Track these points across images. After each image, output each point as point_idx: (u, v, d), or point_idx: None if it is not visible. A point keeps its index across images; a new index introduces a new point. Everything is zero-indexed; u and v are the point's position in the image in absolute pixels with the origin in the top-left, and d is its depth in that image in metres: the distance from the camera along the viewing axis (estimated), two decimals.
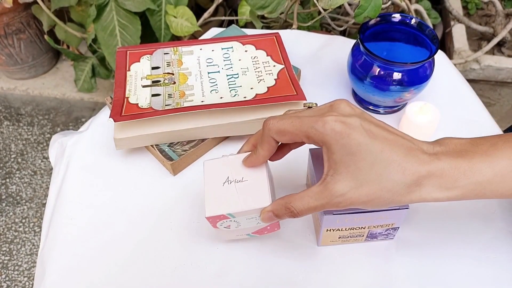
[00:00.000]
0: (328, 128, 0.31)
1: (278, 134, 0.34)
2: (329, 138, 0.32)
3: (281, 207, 0.35)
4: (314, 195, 0.33)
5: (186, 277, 0.42)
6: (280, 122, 0.34)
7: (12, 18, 1.31)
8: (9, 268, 1.11)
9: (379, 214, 0.38)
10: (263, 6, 0.72)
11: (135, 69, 0.53)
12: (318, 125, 0.32)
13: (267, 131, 0.35)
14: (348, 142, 0.31)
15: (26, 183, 1.28)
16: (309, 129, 0.32)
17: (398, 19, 0.53)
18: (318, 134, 0.32)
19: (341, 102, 0.34)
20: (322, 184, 0.33)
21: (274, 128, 0.34)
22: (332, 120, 0.32)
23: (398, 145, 0.32)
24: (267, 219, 0.36)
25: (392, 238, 0.43)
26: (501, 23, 1.13)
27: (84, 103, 1.50)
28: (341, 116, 0.32)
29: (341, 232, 0.40)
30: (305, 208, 0.33)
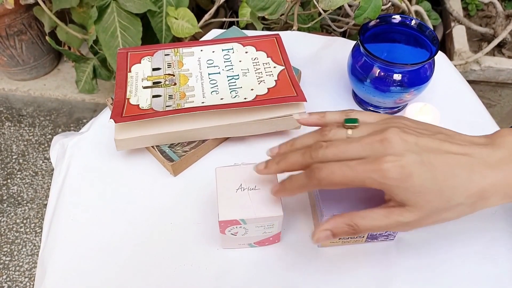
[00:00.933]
0: (388, 177, 0.31)
1: (330, 185, 0.33)
2: (389, 186, 0.32)
3: (341, 225, 0.34)
4: (380, 217, 0.33)
5: (186, 278, 0.42)
6: (332, 175, 0.32)
7: (14, 20, 1.31)
8: (10, 268, 1.11)
9: None
10: (263, 7, 0.72)
11: (136, 70, 0.53)
12: (376, 175, 0.31)
13: (316, 181, 0.33)
14: (412, 184, 0.31)
15: (27, 183, 1.28)
16: (366, 179, 0.32)
17: (398, 20, 0.53)
18: (376, 183, 0.32)
19: (392, 137, 0.32)
20: (389, 210, 0.33)
21: (326, 182, 0.33)
22: (390, 168, 0.31)
23: (459, 166, 0.32)
24: (323, 238, 0.35)
25: (393, 239, 0.43)
26: (502, 24, 1.13)
27: (85, 104, 1.50)
28: (397, 158, 0.31)
29: None
30: (370, 227, 0.34)
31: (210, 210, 0.46)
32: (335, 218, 0.34)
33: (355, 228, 0.34)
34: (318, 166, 0.33)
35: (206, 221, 0.45)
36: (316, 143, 0.35)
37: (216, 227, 0.40)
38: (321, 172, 0.33)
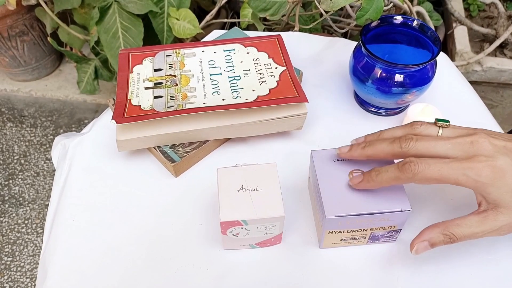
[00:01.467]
0: (483, 176, 0.33)
1: (422, 181, 0.34)
2: (482, 184, 0.33)
3: (438, 235, 0.35)
4: (475, 223, 0.34)
5: (188, 279, 0.42)
6: (427, 170, 0.34)
7: (16, 21, 1.32)
8: (12, 269, 1.12)
9: (381, 216, 0.38)
10: (265, 8, 0.72)
11: (138, 71, 0.53)
12: (471, 172, 0.33)
13: (410, 175, 0.34)
14: (505, 183, 0.33)
15: (29, 184, 1.28)
16: (460, 176, 0.33)
17: (400, 21, 0.53)
18: (471, 181, 0.33)
19: (482, 140, 0.34)
20: (481, 215, 0.34)
21: (420, 176, 0.34)
22: (484, 167, 0.33)
23: None
24: (422, 249, 0.36)
25: (395, 240, 0.43)
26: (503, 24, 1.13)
27: (87, 105, 1.50)
28: (489, 158, 0.33)
29: (343, 234, 0.40)
30: (465, 235, 0.35)
31: (211, 211, 0.46)
32: (431, 228, 0.36)
33: (451, 237, 0.35)
34: (413, 160, 0.34)
35: (208, 222, 0.45)
36: (406, 135, 0.36)
37: (218, 228, 0.40)
38: (417, 166, 0.34)
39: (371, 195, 0.38)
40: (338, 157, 0.41)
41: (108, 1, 0.96)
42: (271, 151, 0.52)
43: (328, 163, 0.41)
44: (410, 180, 0.34)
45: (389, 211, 0.37)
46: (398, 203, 0.38)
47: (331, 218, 0.37)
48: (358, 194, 0.39)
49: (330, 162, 0.41)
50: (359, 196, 0.38)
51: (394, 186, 0.38)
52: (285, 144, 0.52)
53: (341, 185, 0.39)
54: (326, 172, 0.40)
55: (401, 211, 0.38)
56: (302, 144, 0.52)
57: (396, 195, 0.38)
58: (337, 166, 0.41)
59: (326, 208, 0.38)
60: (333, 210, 0.38)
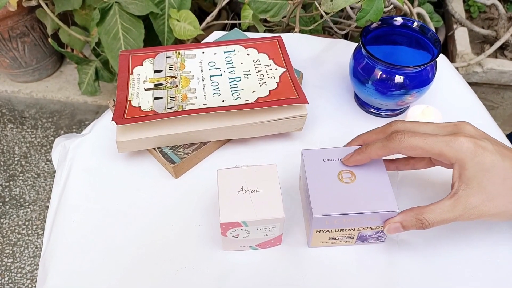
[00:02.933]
0: (465, 147, 0.34)
1: (408, 149, 0.36)
2: (464, 156, 0.35)
3: (411, 218, 0.37)
4: (446, 207, 0.35)
5: (188, 280, 0.42)
6: (412, 138, 0.36)
7: (16, 22, 1.32)
8: (12, 270, 1.12)
9: (368, 216, 0.38)
10: (265, 9, 0.73)
11: (138, 72, 0.53)
12: (454, 143, 0.35)
13: (396, 143, 0.36)
14: (483, 160, 0.34)
15: (29, 185, 1.28)
16: (444, 146, 0.35)
17: (400, 23, 0.53)
18: (453, 151, 0.35)
19: (466, 124, 0.37)
20: (454, 197, 0.35)
21: (406, 143, 0.36)
22: (467, 141, 0.35)
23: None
24: (393, 229, 0.38)
25: (383, 241, 0.43)
26: (504, 26, 1.13)
27: (88, 106, 1.50)
28: (472, 137, 0.35)
29: (331, 233, 0.40)
30: (438, 220, 0.36)
31: (211, 212, 0.46)
32: (406, 212, 0.37)
33: (423, 222, 0.36)
34: (400, 130, 0.37)
35: (208, 223, 0.45)
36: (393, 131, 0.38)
37: (218, 229, 0.40)
38: (403, 135, 0.36)
39: (359, 195, 0.39)
40: (345, 164, 0.41)
41: (109, 2, 0.96)
42: (271, 152, 0.52)
43: (318, 163, 0.41)
44: (397, 148, 0.36)
45: (376, 211, 0.38)
46: (386, 203, 0.38)
47: (318, 217, 0.38)
48: (346, 194, 0.39)
49: (320, 161, 0.41)
50: (347, 196, 0.39)
51: (382, 186, 0.39)
52: (285, 145, 0.52)
53: (330, 185, 0.40)
54: (315, 171, 0.41)
55: (388, 212, 0.38)
56: (302, 146, 0.52)
57: (384, 195, 0.39)
58: (326, 165, 0.41)
59: (313, 207, 0.38)
60: (320, 209, 0.38)
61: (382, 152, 0.38)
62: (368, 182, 0.40)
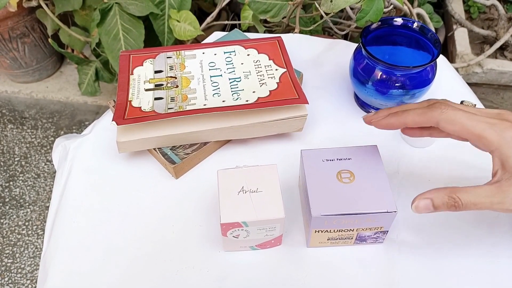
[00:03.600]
0: (509, 134, 0.32)
1: (448, 121, 0.34)
2: (506, 142, 0.32)
3: (443, 196, 0.33)
4: (485, 192, 0.33)
5: (188, 280, 0.42)
6: (456, 111, 0.34)
7: (17, 22, 1.32)
8: (12, 271, 1.12)
9: (367, 217, 0.38)
10: (265, 10, 0.73)
11: (138, 72, 0.53)
12: (498, 127, 0.32)
13: (437, 112, 0.34)
14: None
15: (29, 186, 1.28)
16: (487, 128, 0.33)
17: (400, 23, 0.53)
18: (496, 136, 0.32)
19: (510, 113, 0.34)
20: (495, 184, 0.33)
21: (447, 115, 0.34)
22: (510, 125, 0.32)
23: None
24: (423, 207, 0.34)
25: (382, 242, 0.43)
26: (504, 26, 1.13)
27: (88, 106, 1.50)
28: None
29: (330, 233, 0.41)
30: (472, 202, 0.33)
31: (212, 213, 0.46)
32: (437, 189, 0.34)
33: (456, 201, 0.33)
34: (443, 102, 0.34)
35: (208, 224, 0.45)
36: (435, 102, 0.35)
37: (218, 230, 0.40)
38: (447, 106, 0.34)
39: (358, 196, 0.39)
40: (365, 121, 0.39)
41: (109, 3, 0.96)
42: (271, 152, 0.52)
43: (317, 163, 0.41)
44: (437, 117, 0.34)
45: (375, 212, 0.38)
46: (385, 204, 0.38)
47: (317, 217, 0.38)
48: (345, 194, 0.39)
49: (319, 161, 0.41)
50: (346, 196, 0.39)
51: (381, 187, 0.39)
52: (285, 145, 0.52)
53: (329, 185, 0.40)
54: (314, 171, 0.41)
55: (387, 212, 0.38)
56: (303, 146, 0.52)
57: (383, 196, 0.39)
58: (326, 165, 0.41)
59: (312, 207, 0.38)
60: (319, 209, 0.38)
61: (419, 118, 0.35)
62: (367, 183, 0.40)
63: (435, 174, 0.49)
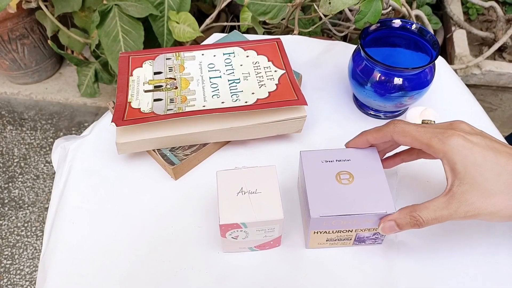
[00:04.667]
0: (454, 140, 0.34)
1: (400, 133, 0.37)
2: (451, 148, 0.34)
3: (405, 216, 0.36)
4: (441, 204, 0.34)
5: (187, 281, 0.42)
6: (407, 124, 0.37)
7: (16, 24, 1.32)
8: (11, 272, 1.11)
9: (365, 217, 0.38)
10: (264, 12, 0.73)
11: (138, 74, 0.53)
12: (443, 135, 0.34)
13: (391, 127, 0.38)
14: (472, 154, 0.33)
15: (28, 187, 1.28)
16: (433, 137, 0.35)
17: (399, 25, 0.53)
18: (441, 144, 0.34)
19: (462, 123, 0.36)
20: (449, 194, 0.34)
21: (399, 128, 0.37)
22: (457, 135, 0.34)
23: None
24: (388, 228, 0.37)
25: (380, 242, 0.43)
26: (502, 28, 1.14)
27: (87, 107, 1.50)
28: (465, 133, 0.34)
29: (329, 234, 0.41)
30: (432, 217, 0.34)
31: (211, 214, 0.46)
32: (400, 210, 0.36)
33: (417, 219, 0.35)
34: (397, 119, 0.38)
35: (207, 225, 0.45)
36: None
37: (217, 231, 0.40)
38: (400, 122, 0.37)
39: (357, 196, 0.39)
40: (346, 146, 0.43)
41: (109, 4, 0.96)
42: (270, 154, 0.52)
43: (316, 164, 0.41)
44: (390, 131, 0.37)
45: (374, 212, 0.38)
46: (383, 205, 0.38)
47: (316, 218, 0.38)
48: (344, 195, 0.39)
49: (318, 163, 0.41)
50: (345, 197, 0.39)
51: (379, 187, 0.39)
52: (284, 147, 0.53)
53: (328, 186, 0.40)
54: (313, 172, 0.41)
55: (386, 213, 0.38)
56: (302, 147, 0.52)
57: (382, 197, 0.39)
58: (325, 167, 0.41)
59: (311, 208, 0.38)
60: (318, 210, 0.38)
61: (377, 134, 0.39)
62: (366, 184, 0.40)
63: (434, 175, 0.49)
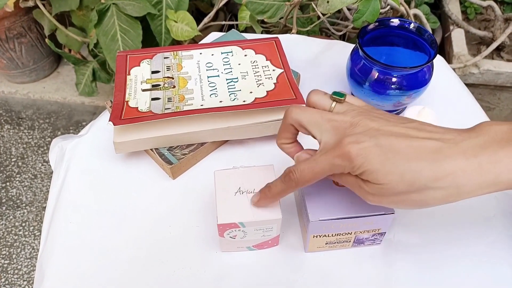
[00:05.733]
0: (351, 158, 0.31)
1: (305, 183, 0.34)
2: (352, 167, 0.31)
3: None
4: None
5: (185, 281, 0.42)
6: (303, 173, 0.33)
7: (13, 22, 1.32)
8: (9, 271, 1.11)
9: (365, 220, 0.38)
10: (262, 11, 0.73)
11: (135, 73, 0.53)
12: (339, 160, 0.31)
13: (293, 184, 0.34)
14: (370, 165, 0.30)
15: (26, 186, 1.28)
16: (332, 167, 0.32)
17: (397, 24, 0.53)
18: (341, 167, 0.32)
19: (359, 120, 0.33)
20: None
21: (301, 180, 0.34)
22: (350, 150, 0.31)
23: (425, 150, 0.30)
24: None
25: (379, 243, 0.43)
26: (500, 27, 1.14)
27: (85, 107, 1.50)
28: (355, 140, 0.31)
29: (328, 238, 0.40)
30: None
31: (209, 213, 0.46)
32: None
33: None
34: (290, 170, 0.35)
35: (205, 224, 0.45)
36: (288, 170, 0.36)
37: (215, 230, 0.40)
38: (293, 174, 0.34)
39: (356, 199, 0.38)
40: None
41: (106, 3, 0.96)
42: (268, 153, 0.52)
43: None
44: (296, 186, 0.35)
45: (373, 214, 0.38)
46: (382, 206, 0.37)
47: (315, 222, 0.38)
48: (342, 197, 0.39)
49: None
50: (343, 199, 0.39)
51: None
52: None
53: (325, 189, 0.39)
54: None
55: (385, 214, 0.38)
56: None
57: None
58: None
59: (310, 211, 0.38)
60: (317, 214, 0.38)
61: (286, 194, 0.36)
62: None
63: None
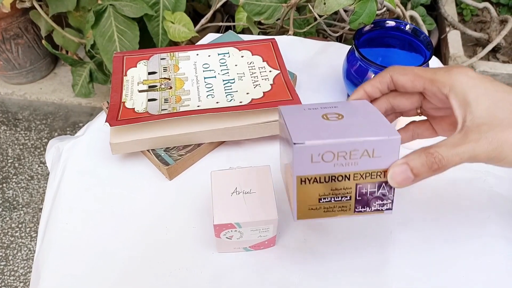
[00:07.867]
0: (461, 71, 0.32)
1: (400, 71, 0.35)
2: (459, 78, 0.31)
3: (419, 155, 0.29)
4: (458, 140, 0.29)
5: (182, 282, 0.42)
6: (405, 67, 0.35)
7: (10, 23, 1.31)
8: (5, 273, 1.11)
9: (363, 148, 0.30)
10: (259, 12, 0.73)
11: (132, 74, 0.53)
12: (448, 69, 0.32)
13: (389, 68, 0.36)
14: (483, 83, 0.31)
15: (23, 188, 1.27)
16: (437, 71, 0.33)
17: (393, 25, 0.53)
18: (447, 76, 0.32)
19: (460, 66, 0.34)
20: (463, 130, 0.30)
21: (398, 66, 0.35)
22: (462, 67, 0.32)
23: None
24: (399, 174, 0.29)
25: (390, 208, 0.33)
26: (496, 29, 1.14)
27: (82, 108, 1.50)
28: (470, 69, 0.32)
29: (321, 187, 0.32)
30: (452, 154, 0.29)
31: (205, 214, 0.46)
32: (411, 153, 0.30)
33: (436, 155, 0.29)
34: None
35: (201, 225, 0.45)
36: None
37: (211, 231, 0.40)
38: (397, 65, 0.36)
39: (351, 127, 0.32)
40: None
41: (103, 4, 0.96)
42: (264, 154, 0.52)
43: (298, 112, 0.35)
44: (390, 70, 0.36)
45: (373, 139, 0.30)
46: (383, 130, 0.30)
47: (301, 147, 0.29)
48: (334, 127, 0.32)
49: (300, 110, 0.36)
50: (336, 128, 0.32)
51: (376, 119, 0.33)
52: (279, 147, 0.53)
53: (314, 122, 0.32)
54: (295, 118, 0.33)
55: (388, 139, 0.30)
56: None
57: (381, 125, 0.32)
58: (308, 113, 0.35)
59: (293, 135, 0.30)
60: (303, 136, 0.30)
61: (374, 81, 0.36)
62: (359, 119, 0.33)
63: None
